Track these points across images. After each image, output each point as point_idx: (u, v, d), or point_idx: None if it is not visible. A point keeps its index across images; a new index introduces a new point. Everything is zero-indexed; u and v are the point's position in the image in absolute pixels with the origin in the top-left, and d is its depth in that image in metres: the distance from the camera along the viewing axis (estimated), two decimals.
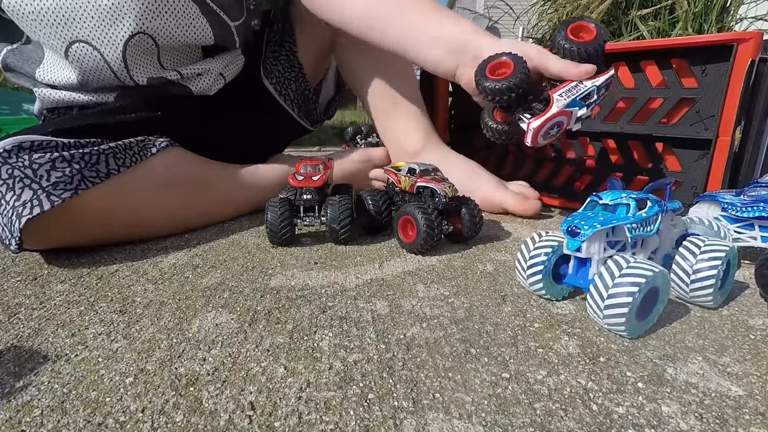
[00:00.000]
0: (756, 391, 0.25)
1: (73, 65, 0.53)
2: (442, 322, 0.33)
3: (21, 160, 0.42)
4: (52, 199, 0.42)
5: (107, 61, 0.53)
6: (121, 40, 0.53)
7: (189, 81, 0.60)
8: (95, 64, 0.53)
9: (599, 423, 0.23)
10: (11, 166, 0.41)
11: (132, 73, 0.55)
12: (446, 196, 0.47)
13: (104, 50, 0.53)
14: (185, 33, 0.56)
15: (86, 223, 0.46)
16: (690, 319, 0.33)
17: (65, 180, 0.43)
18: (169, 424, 0.23)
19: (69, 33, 0.51)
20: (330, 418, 0.23)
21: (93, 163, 0.46)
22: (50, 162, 0.43)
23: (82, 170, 0.45)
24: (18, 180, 0.41)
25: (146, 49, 0.55)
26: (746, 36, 0.48)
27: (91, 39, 0.52)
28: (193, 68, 0.59)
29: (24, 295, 0.38)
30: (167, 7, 0.53)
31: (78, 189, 0.43)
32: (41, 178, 0.42)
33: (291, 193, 0.54)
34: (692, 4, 1.15)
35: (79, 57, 0.53)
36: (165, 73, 0.58)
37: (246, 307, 0.35)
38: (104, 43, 0.52)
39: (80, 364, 0.28)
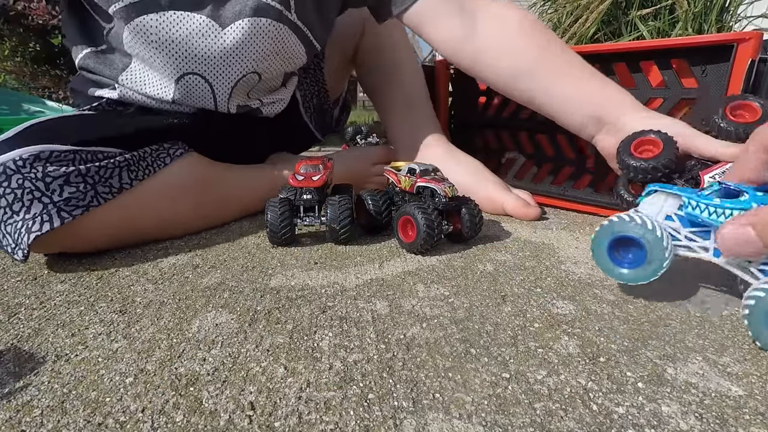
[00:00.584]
0: (756, 391, 0.25)
1: (178, 89, 0.56)
2: (442, 322, 0.33)
3: (34, 171, 0.41)
4: (63, 216, 0.42)
5: (215, 93, 0.57)
6: (234, 79, 0.56)
7: (264, 107, 0.64)
8: (201, 93, 0.56)
9: (599, 423, 0.23)
10: (23, 177, 0.41)
11: (230, 103, 0.59)
12: (446, 196, 0.47)
13: (216, 85, 0.56)
14: (287, 65, 0.61)
15: (95, 235, 0.46)
16: (690, 319, 0.33)
17: (78, 196, 0.43)
18: (169, 424, 0.23)
19: (188, 66, 0.54)
20: (330, 418, 0.23)
21: (107, 178, 0.46)
22: (65, 176, 0.42)
23: (96, 185, 0.44)
24: (28, 192, 0.41)
25: (250, 85, 0.59)
26: (746, 36, 0.48)
27: (206, 74, 0.55)
28: (271, 97, 0.64)
29: (24, 295, 0.38)
30: (280, 50, 0.57)
31: (90, 206, 0.43)
32: (53, 192, 0.42)
33: (291, 193, 0.54)
34: (692, 4, 1.15)
35: (189, 86, 0.55)
36: (250, 102, 0.62)
37: (246, 307, 0.35)
38: (218, 79, 0.56)
39: (80, 364, 0.28)
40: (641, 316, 0.33)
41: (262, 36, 0.54)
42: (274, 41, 0.56)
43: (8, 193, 0.41)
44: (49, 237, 0.42)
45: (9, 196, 0.41)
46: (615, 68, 0.59)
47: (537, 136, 0.70)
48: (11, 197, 0.41)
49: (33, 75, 3.05)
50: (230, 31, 0.52)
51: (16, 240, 0.41)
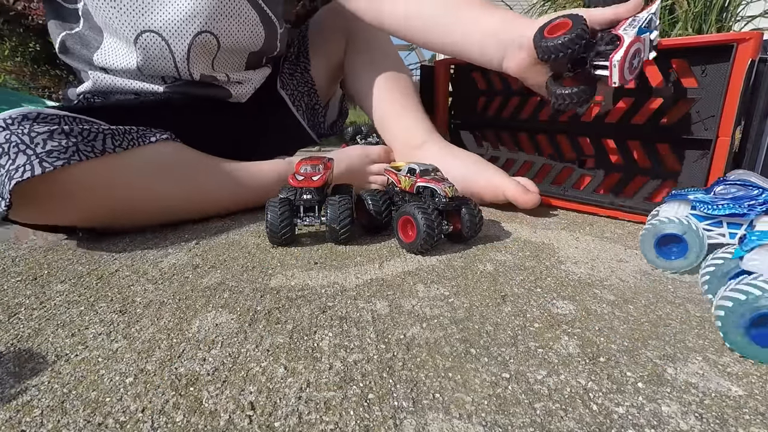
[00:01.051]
0: (756, 391, 0.25)
1: (139, 52, 0.58)
2: (442, 322, 0.33)
3: (21, 128, 0.44)
4: (44, 165, 0.43)
5: (173, 52, 0.59)
6: (189, 35, 0.58)
7: (232, 86, 0.66)
8: (160, 53, 0.59)
9: (599, 423, 0.23)
10: (10, 132, 0.43)
11: (191, 66, 0.61)
12: (446, 196, 0.47)
13: (173, 42, 0.58)
14: (243, 37, 0.63)
15: (74, 198, 0.47)
16: (690, 320, 0.33)
17: (60, 149, 0.44)
18: (169, 424, 0.23)
19: (143, 22, 0.57)
20: (330, 418, 0.23)
21: (90, 140, 0.47)
22: (48, 132, 0.44)
23: (78, 143, 0.46)
24: (14, 145, 0.43)
25: (208, 49, 0.61)
26: (746, 36, 0.48)
27: (162, 31, 0.57)
28: (238, 75, 0.67)
29: (24, 295, 0.38)
30: (232, 12, 0.60)
31: (71, 159, 0.44)
32: (37, 145, 0.43)
33: (291, 193, 0.54)
34: (692, 4, 1.15)
35: (147, 45, 0.58)
36: (215, 73, 0.64)
37: (246, 307, 0.35)
38: (174, 36, 0.58)
39: (80, 364, 0.28)
40: (641, 316, 0.33)
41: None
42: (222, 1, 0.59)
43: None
44: (32, 193, 0.43)
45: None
46: None
47: (537, 136, 0.70)
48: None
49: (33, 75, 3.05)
50: None
51: (1, 192, 0.42)
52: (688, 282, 0.40)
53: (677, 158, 0.55)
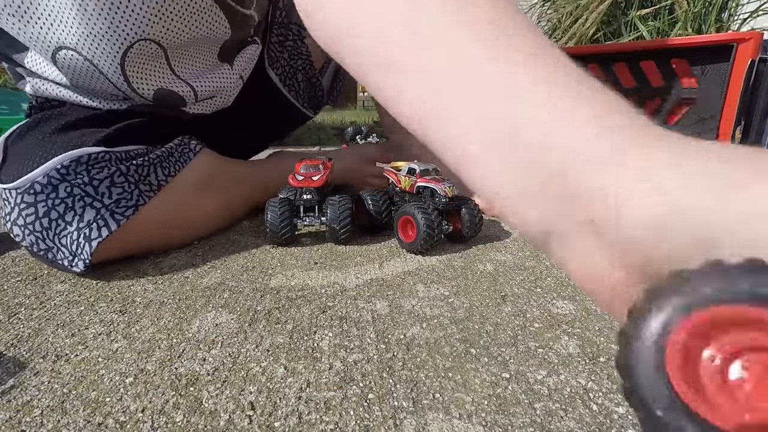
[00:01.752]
0: None
1: (63, 70, 0.46)
2: (442, 322, 0.33)
3: (80, 176, 0.40)
4: (117, 218, 0.41)
5: (102, 72, 0.46)
6: (117, 52, 0.45)
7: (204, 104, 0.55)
8: (88, 73, 0.46)
9: (599, 423, 0.23)
10: (70, 184, 0.40)
11: (135, 85, 0.48)
12: (446, 196, 0.47)
13: (98, 62, 0.45)
14: (195, 27, 0.48)
15: (143, 236, 0.45)
16: None
17: (126, 197, 0.42)
18: (169, 424, 0.23)
19: (52, 37, 0.43)
20: (330, 418, 0.23)
21: (145, 176, 0.45)
22: (109, 178, 0.41)
23: (138, 184, 0.43)
24: (78, 198, 0.40)
25: (150, 55, 0.47)
26: (746, 36, 0.48)
27: (78, 47, 0.44)
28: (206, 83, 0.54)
29: (24, 295, 0.38)
30: (174, 8, 0.45)
31: (138, 205, 0.43)
32: (103, 195, 0.41)
33: (291, 193, 0.54)
34: (691, 4, 1.15)
35: (69, 64, 0.45)
36: (175, 84, 0.51)
37: (246, 307, 0.35)
38: (97, 54, 0.44)
39: (80, 364, 0.28)
40: None
41: None
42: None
43: (58, 204, 0.39)
44: (108, 242, 0.41)
45: (59, 207, 0.39)
46: (615, 68, 0.59)
47: None
48: (62, 207, 0.39)
49: None
50: None
51: (74, 251, 0.40)
52: None
53: None
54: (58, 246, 0.41)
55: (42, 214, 0.40)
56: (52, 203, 0.40)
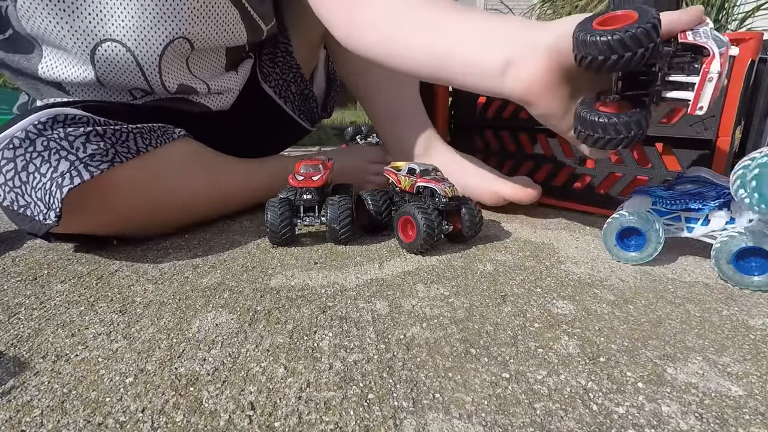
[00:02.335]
0: (756, 391, 0.25)
1: (98, 64, 0.49)
2: (442, 322, 0.33)
3: (56, 132, 0.42)
4: (90, 169, 0.41)
5: (140, 64, 0.50)
6: (160, 44, 0.50)
7: (211, 98, 0.59)
8: (125, 66, 0.50)
9: (599, 423, 0.23)
10: (46, 138, 0.41)
11: (164, 78, 0.52)
12: (446, 196, 0.47)
13: (139, 53, 0.49)
14: (223, 34, 0.55)
15: (115, 201, 0.45)
16: (690, 319, 0.33)
17: (101, 152, 0.42)
18: (169, 424, 0.23)
19: (100, 30, 0.47)
20: (330, 418, 0.23)
21: (123, 140, 0.45)
22: (85, 135, 0.42)
23: (115, 145, 0.44)
24: (54, 152, 0.40)
25: (181, 53, 0.52)
26: (746, 36, 0.48)
27: (124, 38, 0.48)
28: (217, 83, 0.59)
29: (24, 295, 0.38)
30: (211, 12, 0.52)
31: (113, 162, 0.43)
32: (77, 149, 0.41)
33: (291, 193, 0.54)
34: (689, 4, 1.15)
35: (108, 59, 0.49)
36: (193, 81, 0.56)
37: (246, 307, 0.35)
38: (140, 45, 0.49)
39: (80, 364, 0.28)
40: (641, 316, 0.33)
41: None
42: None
43: (35, 157, 0.40)
44: (78, 201, 0.41)
45: (36, 160, 0.40)
46: None
47: (537, 136, 0.70)
48: (38, 161, 0.40)
49: None
50: None
51: (48, 202, 0.40)
52: (688, 282, 0.40)
53: (677, 158, 0.55)
54: (35, 201, 0.41)
55: (20, 168, 0.41)
56: (30, 156, 0.40)
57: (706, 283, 0.39)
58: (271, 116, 0.72)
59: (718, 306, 0.35)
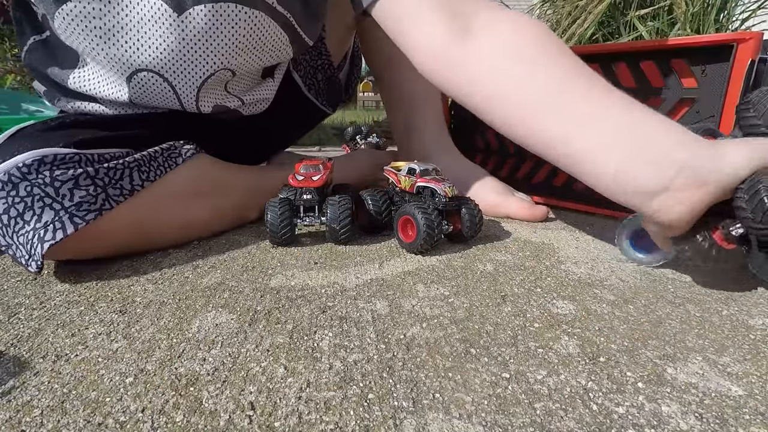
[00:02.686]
0: (756, 391, 0.25)
1: (133, 89, 0.48)
2: (442, 322, 0.33)
3: (41, 177, 0.39)
4: (76, 221, 0.39)
5: (179, 95, 0.49)
6: (200, 78, 0.48)
7: (245, 108, 0.57)
8: (161, 93, 0.49)
9: (599, 423, 0.23)
10: (30, 183, 0.38)
11: (200, 103, 0.51)
12: (446, 196, 0.47)
13: (178, 85, 0.48)
14: (268, 58, 0.53)
15: (108, 240, 0.43)
16: (690, 319, 0.33)
17: (89, 200, 0.40)
18: (169, 424, 0.23)
19: (139, 61, 0.46)
20: (330, 418, 0.23)
21: (117, 179, 0.43)
22: (73, 179, 0.40)
23: (106, 188, 0.42)
24: (38, 199, 0.38)
25: (221, 80, 0.51)
26: (746, 36, 0.48)
27: (164, 71, 0.47)
28: (253, 96, 0.57)
29: (24, 295, 0.38)
30: (259, 41, 0.49)
31: (102, 210, 0.41)
32: (63, 197, 0.39)
33: (291, 193, 0.54)
34: (690, 4, 1.15)
35: (144, 86, 0.48)
36: (228, 100, 0.54)
37: (246, 307, 0.35)
38: (180, 78, 0.48)
39: (80, 364, 0.28)
40: (641, 316, 0.33)
41: (230, 25, 0.45)
42: (248, 31, 0.47)
43: (17, 202, 0.38)
44: (62, 244, 0.39)
45: (19, 206, 0.38)
46: (615, 68, 0.59)
47: None
48: (21, 206, 0.38)
49: None
50: (189, 18, 0.44)
51: (29, 251, 0.38)
52: (688, 282, 0.40)
53: None
54: (17, 244, 0.39)
55: (2, 210, 0.38)
56: (12, 201, 0.38)
57: (706, 283, 0.39)
58: (295, 103, 0.69)
59: (718, 306, 0.35)
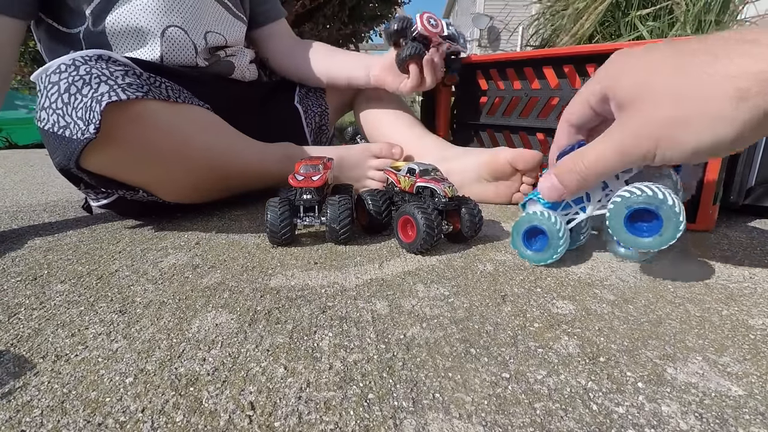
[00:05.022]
0: (756, 391, 0.25)
1: (165, 43, 0.65)
2: (442, 322, 0.33)
3: (99, 64, 0.48)
4: (128, 93, 0.46)
5: (194, 42, 0.68)
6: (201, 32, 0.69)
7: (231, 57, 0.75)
8: (183, 43, 0.67)
9: (599, 423, 0.23)
10: (90, 66, 0.47)
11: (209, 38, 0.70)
12: (446, 196, 0.47)
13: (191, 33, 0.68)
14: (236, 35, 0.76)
15: (147, 135, 0.50)
16: (690, 319, 0.33)
17: (137, 84, 0.49)
18: (169, 424, 0.23)
19: (168, 19, 0.65)
20: (330, 418, 0.23)
21: (156, 86, 0.53)
22: (123, 71, 0.49)
23: (148, 86, 0.51)
24: (95, 77, 0.46)
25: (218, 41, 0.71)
26: None
27: (183, 24, 0.67)
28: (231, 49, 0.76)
29: (24, 295, 0.38)
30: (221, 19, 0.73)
31: (148, 93, 0.49)
32: (117, 78, 0.47)
33: (291, 193, 0.54)
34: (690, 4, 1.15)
35: (172, 37, 0.66)
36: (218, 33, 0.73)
37: (246, 307, 0.35)
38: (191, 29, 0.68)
39: (80, 364, 0.28)
40: (641, 316, 0.33)
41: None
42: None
43: (77, 79, 0.46)
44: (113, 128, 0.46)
45: (78, 82, 0.46)
46: None
47: (537, 135, 0.70)
48: (80, 83, 0.46)
49: None
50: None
51: (88, 117, 0.44)
52: (688, 282, 0.40)
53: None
54: (75, 120, 0.45)
55: (63, 89, 0.46)
56: (73, 79, 0.46)
57: (706, 283, 0.39)
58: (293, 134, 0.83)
59: (718, 306, 0.35)
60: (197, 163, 0.57)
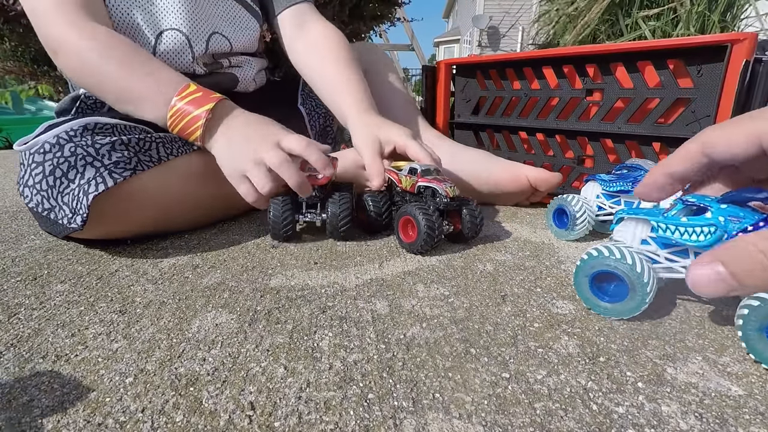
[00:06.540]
0: (756, 391, 0.25)
1: (162, 48, 0.61)
2: (442, 322, 0.33)
3: (84, 140, 0.46)
4: (114, 176, 0.44)
5: (192, 47, 0.62)
6: (205, 35, 0.64)
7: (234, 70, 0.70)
8: (181, 47, 0.61)
9: (599, 423, 0.23)
10: (75, 145, 0.45)
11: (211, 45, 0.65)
12: (447, 196, 0.47)
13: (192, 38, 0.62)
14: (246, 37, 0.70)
15: (135, 206, 0.48)
16: (690, 319, 0.33)
17: (124, 160, 0.46)
18: (169, 424, 0.23)
19: (166, 22, 0.60)
20: (330, 418, 0.23)
21: (146, 149, 0.50)
22: (110, 144, 0.47)
23: (138, 154, 0.48)
24: (81, 158, 0.44)
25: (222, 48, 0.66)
26: (741, 37, 0.48)
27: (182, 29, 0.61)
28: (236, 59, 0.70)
29: (24, 295, 0.38)
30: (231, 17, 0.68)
31: (136, 169, 0.47)
32: (103, 157, 0.45)
33: None
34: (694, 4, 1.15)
35: (169, 41, 0.61)
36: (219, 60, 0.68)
37: (246, 307, 0.35)
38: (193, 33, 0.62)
39: (80, 364, 0.28)
40: (641, 316, 0.33)
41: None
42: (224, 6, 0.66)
43: (62, 162, 0.44)
44: (100, 206, 0.44)
45: (63, 165, 0.44)
46: (612, 69, 0.59)
47: (537, 135, 0.70)
48: (65, 166, 0.44)
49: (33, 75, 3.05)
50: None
51: (74, 207, 0.43)
52: None
53: None
54: (60, 205, 0.44)
55: (48, 172, 0.45)
56: (57, 161, 0.44)
57: None
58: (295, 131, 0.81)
59: (718, 306, 0.35)
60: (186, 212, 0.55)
